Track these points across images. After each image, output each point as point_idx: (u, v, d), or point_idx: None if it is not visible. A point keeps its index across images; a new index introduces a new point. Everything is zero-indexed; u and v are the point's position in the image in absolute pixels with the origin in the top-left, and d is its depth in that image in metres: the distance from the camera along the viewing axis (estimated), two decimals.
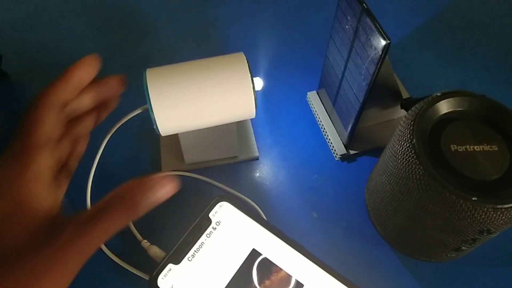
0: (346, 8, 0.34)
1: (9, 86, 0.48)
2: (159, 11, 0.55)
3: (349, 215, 0.39)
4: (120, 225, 0.27)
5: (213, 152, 0.39)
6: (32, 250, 0.26)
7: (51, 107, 0.28)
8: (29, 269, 0.25)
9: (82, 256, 0.26)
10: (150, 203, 0.28)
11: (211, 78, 0.33)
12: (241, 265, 0.33)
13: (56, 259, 0.26)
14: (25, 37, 0.52)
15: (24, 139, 0.28)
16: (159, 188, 0.28)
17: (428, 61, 0.50)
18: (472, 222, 0.28)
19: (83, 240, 0.26)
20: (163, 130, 0.34)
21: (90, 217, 0.26)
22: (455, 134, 0.30)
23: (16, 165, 0.27)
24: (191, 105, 0.33)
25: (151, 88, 0.33)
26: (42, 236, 0.26)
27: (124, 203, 0.27)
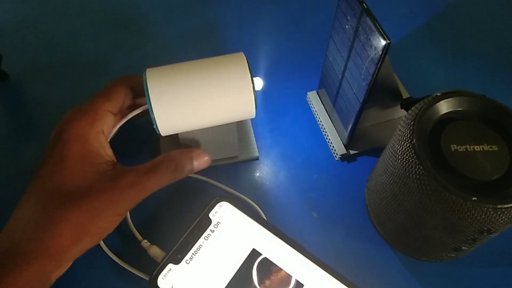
0: (346, 8, 0.34)
1: (9, 86, 0.48)
2: (159, 11, 0.55)
3: (349, 215, 0.39)
4: (167, 182, 0.34)
5: (213, 152, 0.39)
6: (99, 190, 0.31)
7: (125, 86, 0.36)
8: (93, 206, 0.31)
9: (135, 200, 0.32)
10: (190, 169, 0.35)
11: (211, 78, 0.33)
12: (241, 265, 0.33)
13: (116, 199, 0.31)
14: (25, 37, 0.52)
15: (99, 102, 0.35)
16: (198, 158, 0.35)
17: (428, 61, 0.50)
18: (472, 222, 0.28)
19: (139, 186, 0.32)
20: (163, 130, 0.34)
21: (146, 170, 0.33)
22: (455, 134, 0.30)
23: (87, 119, 0.33)
24: (191, 105, 0.33)
25: (151, 88, 0.33)
26: (107, 178, 0.32)
27: (172, 165, 0.34)
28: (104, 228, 0.32)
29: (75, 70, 0.49)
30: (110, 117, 0.35)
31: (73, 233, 0.30)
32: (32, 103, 0.47)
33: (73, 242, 0.31)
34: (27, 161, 0.42)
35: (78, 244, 0.31)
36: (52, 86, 0.48)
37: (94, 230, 0.31)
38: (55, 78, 0.48)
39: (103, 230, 0.32)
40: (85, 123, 0.33)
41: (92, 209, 0.31)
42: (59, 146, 0.32)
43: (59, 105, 0.46)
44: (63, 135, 0.33)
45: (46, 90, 0.47)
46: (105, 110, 0.35)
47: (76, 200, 0.31)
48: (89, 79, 0.48)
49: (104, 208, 0.31)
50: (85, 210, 0.31)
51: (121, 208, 0.32)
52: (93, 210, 0.31)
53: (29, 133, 0.44)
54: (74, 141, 0.32)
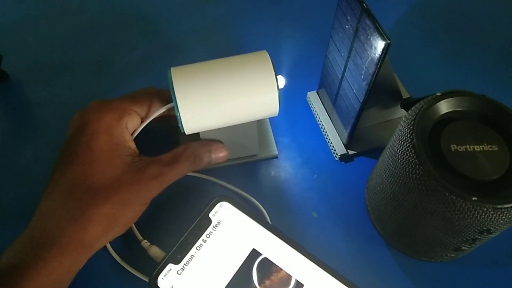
0: (346, 8, 0.34)
1: (9, 86, 0.48)
2: (160, 11, 0.55)
3: (349, 215, 0.39)
4: (187, 172, 0.36)
5: (233, 150, 0.39)
6: (127, 182, 0.32)
7: (153, 93, 0.37)
8: (123, 197, 0.32)
9: (158, 190, 0.34)
10: (208, 161, 0.37)
11: (236, 77, 0.34)
12: (241, 265, 0.33)
13: (143, 190, 0.33)
14: (25, 37, 0.52)
15: (127, 102, 0.36)
16: (217, 152, 0.37)
17: (428, 61, 0.50)
18: (472, 222, 0.28)
19: (163, 177, 0.34)
20: (188, 129, 0.34)
21: (168, 161, 0.34)
22: (455, 134, 0.30)
23: (115, 114, 0.34)
24: (216, 104, 0.33)
25: (176, 86, 0.33)
26: (134, 170, 0.33)
27: (192, 157, 0.35)
28: (131, 218, 0.33)
29: (75, 70, 0.49)
30: (136, 117, 0.36)
31: (104, 224, 0.31)
32: (32, 103, 0.47)
33: (104, 233, 0.32)
34: (27, 161, 0.42)
35: (108, 235, 0.32)
36: (52, 86, 0.48)
37: (123, 220, 0.33)
38: (55, 78, 0.48)
39: (130, 219, 0.34)
40: (112, 117, 0.34)
41: (122, 200, 0.32)
42: (86, 137, 0.33)
43: (59, 105, 0.46)
44: (90, 126, 0.33)
45: (46, 90, 0.47)
46: (132, 109, 0.35)
47: (107, 192, 0.31)
48: (89, 79, 0.48)
49: (132, 199, 0.32)
50: (116, 202, 0.31)
51: (147, 198, 0.34)
52: (123, 201, 0.32)
53: (29, 133, 0.44)
54: (101, 133, 0.33)
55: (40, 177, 0.36)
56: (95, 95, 0.47)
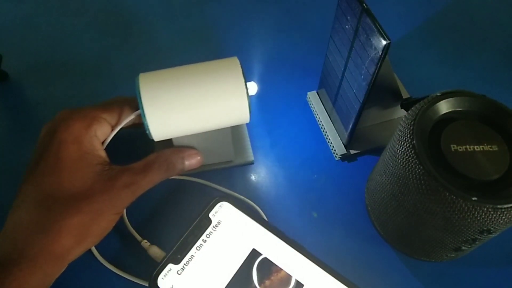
0: (346, 8, 0.34)
1: (9, 86, 0.48)
2: (159, 12, 0.55)
3: (349, 215, 0.39)
4: (160, 179, 0.35)
5: (207, 156, 0.38)
6: (98, 191, 0.31)
7: (123, 102, 0.36)
8: (95, 207, 0.31)
9: (131, 198, 0.33)
10: (182, 169, 0.36)
11: (204, 83, 0.33)
12: (241, 265, 0.33)
13: (115, 199, 0.32)
14: (25, 37, 0.52)
15: (96, 109, 0.35)
16: (190, 158, 0.36)
17: (428, 61, 0.50)
18: (472, 222, 0.28)
19: (135, 185, 0.33)
20: (156, 135, 0.34)
21: (140, 169, 0.33)
22: (455, 134, 0.30)
23: (83, 122, 0.33)
24: (184, 110, 0.33)
25: (143, 93, 0.32)
26: (104, 179, 0.32)
27: (164, 164, 0.34)
28: (105, 228, 0.33)
29: (75, 70, 0.49)
30: (106, 125, 0.35)
31: (76, 235, 0.30)
32: (32, 103, 0.47)
33: (76, 244, 0.31)
34: (27, 161, 0.42)
35: (80, 246, 0.31)
36: (52, 86, 0.48)
37: (95, 231, 0.32)
38: (55, 78, 0.48)
39: (103, 230, 0.33)
40: (80, 125, 0.33)
41: (94, 210, 0.31)
42: (54, 147, 0.32)
43: (59, 105, 0.46)
44: (58, 135, 0.32)
45: (46, 90, 0.47)
46: (101, 117, 0.34)
47: (77, 202, 0.31)
48: (89, 79, 0.48)
49: (104, 208, 0.32)
50: (87, 212, 0.31)
51: (119, 207, 0.33)
52: (95, 211, 0.31)
53: (29, 133, 0.44)
54: (70, 142, 0.32)
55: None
56: (95, 95, 0.47)
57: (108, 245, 0.37)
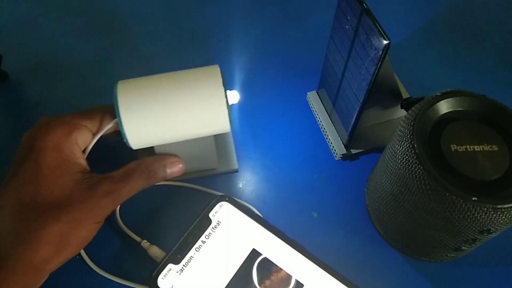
0: (346, 8, 0.34)
1: (9, 86, 0.48)
2: (160, 11, 0.55)
3: (349, 215, 0.39)
4: (140, 188, 0.34)
5: (190, 164, 0.38)
6: (78, 200, 0.31)
7: (104, 109, 0.35)
8: (74, 216, 0.30)
9: (112, 207, 0.32)
10: (163, 177, 0.35)
11: (183, 92, 0.33)
12: (241, 265, 0.33)
13: (95, 208, 0.31)
14: (25, 37, 0.52)
15: (76, 116, 0.34)
16: (172, 166, 0.36)
17: (428, 61, 0.50)
18: (472, 222, 0.28)
19: (116, 193, 0.32)
20: (133, 144, 0.33)
21: (121, 177, 0.33)
22: (455, 134, 0.30)
23: (63, 129, 0.33)
24: (161, 119, 0.33)
25: (121, 101, 0.32)
26: (84, 187, 0.31)
27: (146, 172, 0.34)
28: (84, 238, 0.32)
29: (75, 70, 0.49)
30: (87, 133, 0.34)
31: (54, 245, 0.30)
32: (32, 103, 0.47)
33: (54, 254, 0.30)
34: None
35: (59, 256, 0.30)
36: (52, 86, 0.48)
37: (75, 240, 0.31)
38: (55, 78, 0.48)
39: (83, 239, 0.32)
40: (61, 132, 0.32)
41: (73, 219, 0.30)
42: (34, 154, 0.31)
43: (59, 105, 0.46)
44: (37, 142, 0.32)
45: (46, 90, 0.47)
46: (82, 124, 0.34)
47: (56, 211, 0.30)
48: (89, 79, 0.48)
49: (84, 217, 0.31)
50: (66, 221, 0.30)
51: (99, 216, 0.32)
52: (74, 220, 0.30)
53: None
54: (49, 149, 0.32)
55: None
56: (95, 95, 0.47)
57: (108, 245, 0.37)
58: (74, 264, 0.35)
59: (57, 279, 0.32)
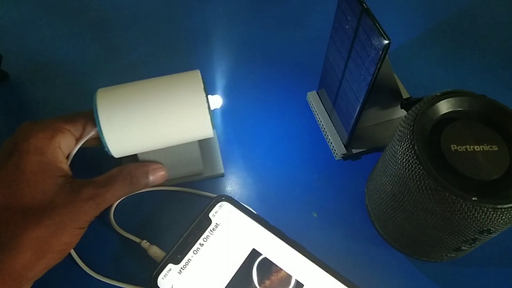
0: (346, 8, 0.34)
1: (9, 86, 0.48)
2: (160, 11, 0.55)
3: (349, 215, 0.39)
4: (124, 195, 0.34)
5: (175, 170, 0.38)
6: (61, 204, 0.30)
7: (88, 115, 0.34)
8: (56, 220, 0.30)
9: (95, 212, 0.32)
10: (146, 183, 0.35)
11: (163, 99, 0.32)
12: (241, 265, 0.33)
13: (78, 212, 0.31)
14: (25, 37, 0.52)
15: (59, 120, 0.33)
16: (155, 173, 0.35)
17: (428, 61, 0.50)
18: (472, 222, 0.28)
19: (100, 198, 0.32)
20: (115, 152, 0.33)
21: (104, 182, 0.33)
22: (455, 134, 0.30)
23: (46, 133, 0.32)
24: (143, 127, 0.32)
25: (100, 109, 0.32)
26: (67, 191, 0.31)
27: (128, 178, 0.33)
28: (67, 244, 0.31)
29: (75, 70, 0.49)
30: (71, 137, 0.34)
31: (35, 250, 0.29)
32: (32, 103, 0.47)
33: (35, 260, 0.29)
34: None
35: (40, 262, 0.29)
36: (52, 86, 0.48)
37: (57, 246, 0.30)
38: (55, 78, 0.48)
39: (66, 245, 0.31)
40: (43, 135, 0.32)
41: (56, 223, 0.30)
42: (15, 157, 0.31)
43: (59, 105, 0.46)
44: (19, 146, 0.31)
45: (46, 90, 0.47)
46: (65, 128, 0.33)
47: (38, 215, 0.29)
48: (89, 79, 0.48)
49: (67, 221, 0.30)
50: (48, 225, 0.29)
51: (83, 220, 0.31)
52: (57, 224, 0.30)
53: None
54: (31, 153, 0.31)
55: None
56: None
57: (107, 246, 0.37)
58: (71, 271, 0.35)
59: None
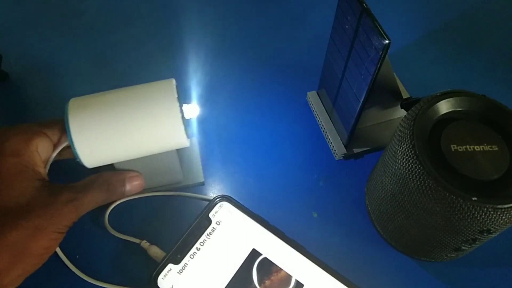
0: (346, 8, 0.34)
1: (9, 86, 0.48)
2: (160, 11, 0.55)
3: (349, 215, 0.39)
4: (101, 202, 0.34)
5: (154, 179, 0.37)
6: (39, 206, 0.30)
7: (60, 123, 0.34)
8: (35, 223, 0.29)
9: (74, 216, 0.31)
10: (122, 192, 0.35)
11: (136, 108, 0.32)
12: (241, 265, 0.33)
13: (57, 215, 0.30)
14: (25, 37, 0.52)
15: (36, 125, 0.33)
16: (131, 181, 0.35)
17: (428, 61, 0.50)
18: (472, 222, 0.28)
19: (78, 202, 0.31)
20: (87, 163, 0.33)
21: (81, 187, 0.32)
22: (455, 134, 0.30)
23: (23, 136, 0.32)
24: (115, 137, 0.32)
25: (72, 120, 0.31)
26: (45, 194, 0.30)
27: (105, 185, 0.34)
28: (46, 248, 0.30)
29: (75, 70, 0.49)
30: (48, 141, 0.33)
31: (12, 254, 0.28)
32: (32, 103, 0.47)
33: (12, 264, 0.28)
34: None
35: (17, 267, 0.28)
36: (52, 86, 0.48)
37: (35, 250, 0.29)
38: (55, 78, 0.48)
39: (45, 250, 0.30)
40: (20, 138, 0.31)
41: (33, 225, 0.29)
42: None
43: (59, 105, 0.46)
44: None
45: (46, 90, 0.47)
46: (43, 132, 0.33)
47: (15, 217, 0.29)
48: (89, 80, 0.48)
49: (45, 224, 0.29)
50: (26, 227, 0.28)
51: (61, 224, 0.31)
52: (35, 226, 0.29)
53: None
54: (8, 155, 0.30)
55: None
56: None
57: (107, 243, 0.37)
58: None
59: None
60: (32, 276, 0.30)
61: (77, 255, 0.36)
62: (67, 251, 0.36)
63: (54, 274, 0.35)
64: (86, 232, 0.37)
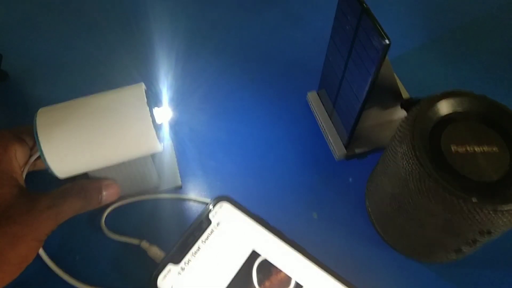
0: (346, 8, 0.34)
1: (9, 86, 0.48)
2: (160, 11, 0.55)
3: (349, 215, 0.39)
4: (80, 208, 0.33)
5: (130, 186, 0.37)
6: (17, 213, 0.29)
7: None
8: (13, 230, 0.28)
9: (53, 223, 0.31)
10: (98, 200, 0.34)
11: (105, 115, 0.31)
12: (241, 266, 0.33)
13: (35, 222, 0.29)
14: (25, 37, 0.52)
15: (13, 131, 0.33)
16: (107, 189, 0.35)
17: (428, 61, 0.50)
18: (472, 224, 0.28)
19: (57, 209, 0.31)
20: (59, 173, 0.32)
21: (59, 195, 0.32)
22: (455, 135, 0.29)
23: (1, 142, 0.31)
24: (86, 146, 0.31)
25: (40, 131, 0.31)
26: (23, 201, 0.30)
27: (82, 193, 0.33)
28: (24, 257, 0.30)
29: (75, 70, 0.49)
30: (26, 147, 0.33)
31: None
32: (32, 103, 0.47)
33: None
34: None
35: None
36: (52, 86, 0.48)
37: (13, 258, 0.29)
38: (55, 78, 0.48)
39: (23, 258, 0.29)
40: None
41: (12, 233, 0.28)
42: None
43: None
44: None
45: (46, 90, 0.47)
46: (21, 138, 0.32)
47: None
48: (89, 79, 0.48)
49: (24, 232, 0.29)
50: (3, 234, 0.28)
51: (40, 231, 0.30)
52: (13, 234, 0.28)
53: None
54: None
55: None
56: None
57: (107, 243, 0.37)
58: None
59: None
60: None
61: (75, 260, 0.36)
62: (65, 258, 0.36)
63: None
64: (84, 237, 0.37)
